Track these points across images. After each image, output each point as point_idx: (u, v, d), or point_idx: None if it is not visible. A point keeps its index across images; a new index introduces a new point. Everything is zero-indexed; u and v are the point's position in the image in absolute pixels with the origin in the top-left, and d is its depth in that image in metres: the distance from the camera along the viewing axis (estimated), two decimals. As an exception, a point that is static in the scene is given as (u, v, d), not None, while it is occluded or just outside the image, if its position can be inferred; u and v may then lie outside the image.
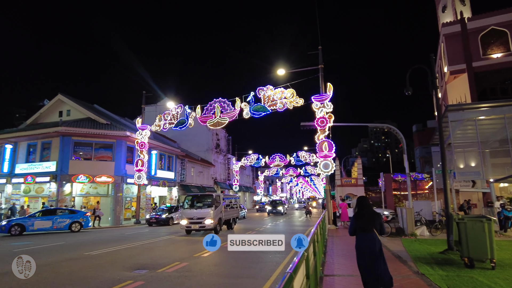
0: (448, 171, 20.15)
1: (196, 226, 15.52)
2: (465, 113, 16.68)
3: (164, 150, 30.94)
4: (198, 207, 16.32)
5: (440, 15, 28.94)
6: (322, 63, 18.61)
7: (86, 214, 19.79)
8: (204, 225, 15.35)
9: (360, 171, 33.58)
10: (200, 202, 16.86)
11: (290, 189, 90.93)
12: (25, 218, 17.67)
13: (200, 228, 15.61)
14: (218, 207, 16.10)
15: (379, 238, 4.99)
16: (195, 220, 15.58)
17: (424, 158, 41.45)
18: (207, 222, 15.33)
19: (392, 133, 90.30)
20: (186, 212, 16.20)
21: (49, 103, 28.35)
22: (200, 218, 15.55)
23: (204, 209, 15.88)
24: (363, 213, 5.15)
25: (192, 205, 16.71)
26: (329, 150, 17.00)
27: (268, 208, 35.06)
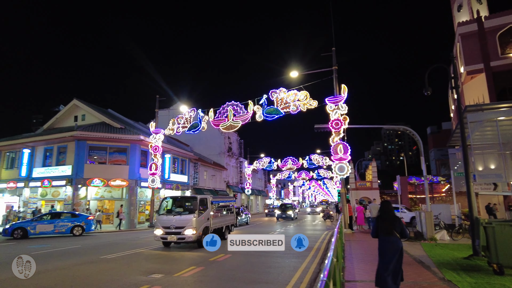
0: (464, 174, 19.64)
1: (173, 237, 12.12)
2: (485, 114, 16.15)
3: (177, 154, 31.08)
4: (177, 212, 12.98)
5: (455, 15, 28.35)
6: (336, 65, 18.39)
7: (89, 218, 19.29)
8: (183, 236, 12.00)
9: (375, 174, 33.05)
10: (181, 207, 13.73)
11: (303, 192, 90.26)
12: (27, 222, 17.75)
13: (178, 241, 12.20)
14: (204, 213, 12.93)
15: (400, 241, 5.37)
16: (173, 230, 12.18)
17: (440, 161, 40.56)
18: (187, 232, 12.01)
19: (405, 136, 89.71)
20: (161, 219, 12.71)
21: (65, 108, 28.83)
22: (178, 228, 12.18)
23: (184, 216, 12.53)
24: (385, 217, 5.60)
25: (170, 210, 13.62)
26: (344, 152, 16.71)
27: (277, 213, 32.20)
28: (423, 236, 13.73)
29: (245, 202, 51.89)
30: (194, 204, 13.08)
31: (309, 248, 12.60)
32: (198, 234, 12.27)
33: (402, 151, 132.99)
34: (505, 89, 24.22)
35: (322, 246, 13.13)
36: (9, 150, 27.05)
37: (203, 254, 11.17)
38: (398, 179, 22.27)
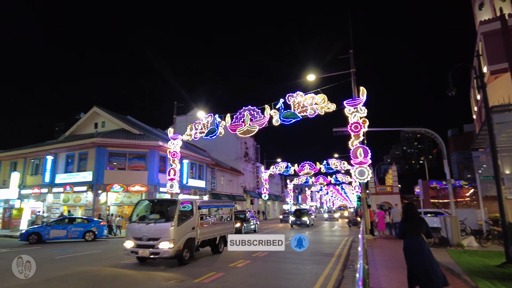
0: (492, 177, 18.89)
1: (145, 251, 9.72)
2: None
3: (195, 159, 31.29)
4: (151, 220, 10.39)
5: (476, 13, 27.56)
6: (354, 67, 18.11)
7: (101, 223, 19.50)
8: (157, 251, 9.57)
9: (395, 178, 32.29)
10: (158, 212, 10.98)
11: (320, 198, 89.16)
12: (41, 227, 18.11)
13: (152, 256, 9.79)
14: (186, 221, 10.38)
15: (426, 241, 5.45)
16: (145, 242, 9.79)
17: (463, 164, 39.35)
18: (162, 245, 9.55)
19: (425, 139, 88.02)
20: (132, 228, 10.33)
21: (85, 116, 29.57)
22: (152, 239, 9.77)
23: (160, 224, 10.01)
24: (411, 218, 5.72)
25: (143, 217, 10.95)
26: (364, 156, 16.36)
27: (291, 219, 29.59)
28: (449, 242, 13.22)
29: (262, 208, 51.68)
30: (173, 210, 10.22)
31: (329, 254, 12.34)
32: (178, 248, 9.69)
33: (422, 155, 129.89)
34: (533, 89, 23.27)
35: (343, 252, 12.83)
36: (33, 157, 27.88)
37: (223, 260, 11.08)
38: (420, 183, 21.64)
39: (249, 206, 46.07)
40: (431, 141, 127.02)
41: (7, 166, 29.33)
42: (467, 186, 33.08)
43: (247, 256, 11.59)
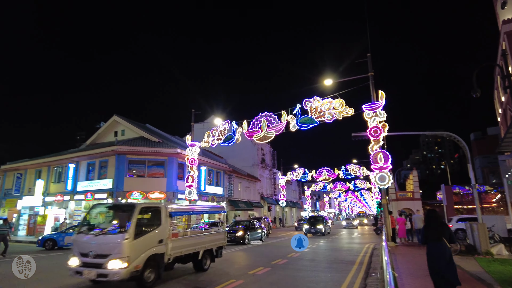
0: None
1: (91, 273, 7.32)
2: (541, 116, 14.88)
3: (213, 166, 31.44)
4: (101, 231, 7.84)
5: (499, 12, 26.70)
6: (372, 71, 17.84)
7: None
8: (105, 272, 7.19)
9: (416, 184, 31.44)
10: (111, 221, 8.65)
11: (339, 204, 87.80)
12: (57, 234, 18.64)
13: (100, 279, 7.35)
14: (149, 232, 8.00)
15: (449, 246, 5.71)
16: (91, 260, 7.40)
17: (488, 169, 37.93)
18: (112, 265, 7.18)
19: (446, 143, 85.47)
20: (78, 240, 7.91)
21: (106, 124, 30.26)
22: (100, 256, 7.36)
23: (110, 236, 7.59)
24: (433, 224, 6.02)
25: (92, 226, 8.36)
26: (384, 161, 15.99)
27: (305, 227, 27.29)
28: (476, 250, 12.68)
29: (279, 214, 51.29)
30: (128, 217, 7.68)
31: (350, 262, 12.04)
32: (134, 267, 7.32)
33: (443, 160, 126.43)
34: (561, 89, 22.30)
35: (365, 260, 12.50)
36: (56, 165, 28.67)
37: (242, 266, 10.97)
38: (443, 189, 20.97)
39: (267, 213, 45.81)
40: (452, 145, 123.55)
41: (32, 174, 30.27)
42: (493, 191, 31.86)
43: (266, 264, 11.45)
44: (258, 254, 14.76)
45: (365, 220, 56.46)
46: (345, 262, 11.98)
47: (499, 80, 28.63)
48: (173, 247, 8.65)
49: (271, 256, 13.89)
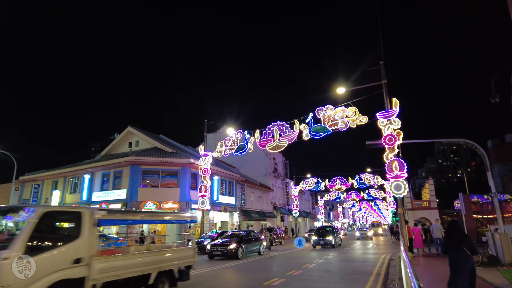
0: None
1: None
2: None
3: (225, 176, 31.48)
4: None
5: (514, 18, 26.35)
6: (386, 78, 17.70)
7: (120, 241, 18.82)
8: None
9: (433, 193, 30.71)
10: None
11: (353, 214, 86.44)
12: None
13: None
14: (57, 248, 5.69)
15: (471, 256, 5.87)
16: None
17: (507, 176, 36.90)
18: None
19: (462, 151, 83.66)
20: None
21: (120, 135, 30.76)
22: None
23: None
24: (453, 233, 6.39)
25: None
26: (400, 170, 15.69)
27: (313, 239, 24.83)
28: (500, 261, 12.24)
29: (292, 224, 50.77)
30: (19, 226, 5.55)
31: (367, 273, 11.77)
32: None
33: (459, 168, 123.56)
34: None
35: (382, 271, 12.21)
36: (72, 175, 29.19)
37: (254, 277, 10.84)
38: (461, 197, 20.43)
39: (279, 223, 45.42)
40: (469, 153, 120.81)
41: (49, 185, 30.88)
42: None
43: (281, 275, 11.28)
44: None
45: (380, 230, 53.80)
46: (361, 273, 11.72)
47: (516, 86, 28.08)
48: (102, 268, 6.20)
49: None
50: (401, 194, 15.91)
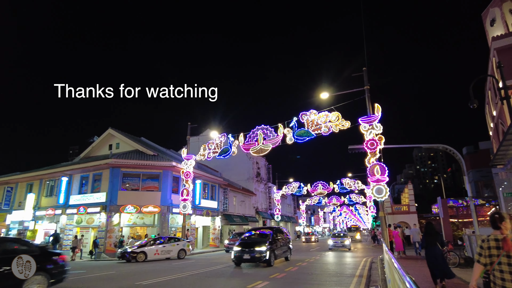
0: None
1: None
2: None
3: (208, 180, 31.20)
4: None
5: (488, 29, 27.52)
6: (368, 84, 18.08)
7: None
8: None
9: (412, 197, 31.49)
10: None
11: (333, 219, 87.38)
12: None
13: None
14: None
15: (441, 249, 8.70)
16: None
17: (481, 182, 38.19)
18: None
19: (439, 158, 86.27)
20: None
21: (100, 137, 30.03)
22: None
23: None
24: (430, 233, 8.83)
25: None
26: (381, 174, 16.00)
27: (234, 250, 14.99)
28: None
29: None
30: None
31: (350, 275, 11.87)
32: None
33: (436, 174, 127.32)
34: (551, 104, 22.80)
35: (364, 273, 12.35)
36: (49, 178, 28.20)
37: (239, 283, 10.71)
38: (439, 201, 21.02)
39: (262, 228, 45.32)
40: (445, 160, 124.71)
41: (23, 188, 29.72)
42: (486, 204, 32.11)
43: (264, 278, 11.22)
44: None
45: (358, 235, 48.32)
46: (345, 275, 11.80)
47: (490, 95, 29.22)
48: None
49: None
50: (382, 197, 16.20)
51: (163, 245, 19.87)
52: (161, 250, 19.59)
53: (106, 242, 23.11)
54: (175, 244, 20.44)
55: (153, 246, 19.53)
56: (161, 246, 19.71)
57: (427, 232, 8.84)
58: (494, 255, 3.95)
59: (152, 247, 19.37)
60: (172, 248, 20.09)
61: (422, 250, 11.60)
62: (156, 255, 19.30)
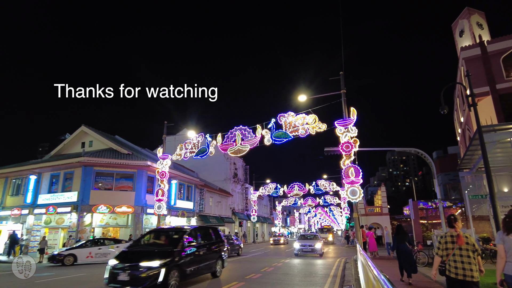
0: (480, 197, 19.17)
1: None
2: (497, 135, 15.96)
3: (184, 180, 30.80)
4: None
5: (457, 40, 28.88)
6: (345, 88, 18.47)
7: None
8: None
9: (385, 199, 32.42)
10: None
11: (308, 220, 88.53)
12: None
13: None
14: None
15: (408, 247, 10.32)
16: None
17: (450, 185, 39.90)
18: None
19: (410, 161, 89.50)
20: None
21: (73, 135, 28.99)
22: None
23: None
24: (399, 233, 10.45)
25: None
26: (356, 176, 16.37)
27: (109, 266, 8.84)
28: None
29: (250, 230, 50.85)
30: None
31: (324, 275, 12.07)
32: None
33: (407, 177, 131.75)
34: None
35: (338, 273, 12.60)
36: (16, 176, 26.94)
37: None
38: (411, 204, 21.77)
39: (238, 229, 45.27)
40: (417, 163, 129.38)
41: (-14, 186, 28.22)
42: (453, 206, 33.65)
43: (240, 279, 11.21)
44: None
45: (331, 236, 43.76)
46: (319, 276, 11.99)
47: (458, 102, 30.65)
48: None
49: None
50: (356, 199, 16.56)
51: (99, 247, 18.42)
52: (96, 253, 18.02)
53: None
54: (115, 246, 18.64)
55: (86, 248, 18.08)
56: (97, 248, 18.24)
57: (397, 232, 10.50)
58: (449, 248, 5.04)
59: (83, 249, 17.82)
60: (109, 251, 18.20)
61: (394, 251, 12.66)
62: (90, 258, 17.73)
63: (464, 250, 4.88)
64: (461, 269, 4.81)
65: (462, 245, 4.90)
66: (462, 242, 4.91)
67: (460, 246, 4.91)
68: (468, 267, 4.79)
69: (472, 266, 4.79)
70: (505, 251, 4.64)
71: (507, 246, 4.63)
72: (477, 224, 26.18)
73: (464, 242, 4.92)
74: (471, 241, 4.94)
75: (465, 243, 4.91)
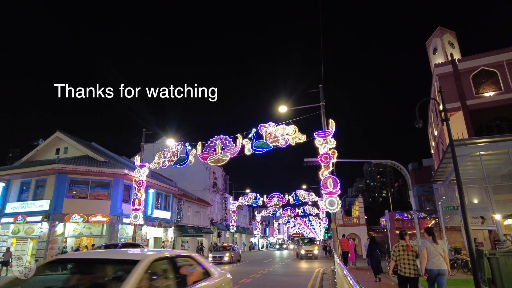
0: (453, 208, 19.83)
1: None
2: (468, 149, 16.66)
3: (161, 189, 30.24)
4: None
5: (431, 57, 30.16)
6: (324, 101, 18.83)
7: None
8: None
9: (362, 210, 32.95)
10: None
11: (287, 230, 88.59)
12: None
13: None
14: None
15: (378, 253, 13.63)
16: None
17: (425, 196, 41.10)
18: None
19: (387, 173, 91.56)
20: None
21: (47, 141, 27.96)
22: None
23: None
24: (373, 243, 14.25)
25: None
26: (334, 186, 16.61)
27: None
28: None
29: (229, 240, 50.33)
30: None
31: (303, 285, 12.07)
32: None
33: (384, 188, 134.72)
34: (482, 126, 25.33)
35: (316, 283, 12.64)
36: (-18, 184, 25.60)
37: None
38: (387, 215, 22.22)
39: (216, 239, 44.70)
40: (393, 175, 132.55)
41: (-50, 193, 26.65)
42: (428, 217, 34.67)
43: None
44: None
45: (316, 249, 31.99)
46: (297, 286, 11.98)
47: (432, 116, 31.86)
48: None
49: None
50: (334, 209, 16.77)
51: None
52: None
53: (47, 253, 21.36)
54: None
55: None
56: None
57: (371, 242, 14.43)
58: (401, 255, 6.98)
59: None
60: None
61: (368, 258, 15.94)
62: None
63: (410, 256, 6.84)
64: (408, 269, 6.79)
65: (409, 252, 6.87)
66: (410, 250, 6.88)
67: (408, 252, 6.87)
68: (413, 268, 6.79)
69: (415, 267, 6.82)
70: (427, 254, 6.84)
71: (428, 250, 6.85)
72: (450, 234, 27.00)
73: (411, 250, 6.86)
74: (414, 249, 6.96)
75: (411, 251, 6.86)
